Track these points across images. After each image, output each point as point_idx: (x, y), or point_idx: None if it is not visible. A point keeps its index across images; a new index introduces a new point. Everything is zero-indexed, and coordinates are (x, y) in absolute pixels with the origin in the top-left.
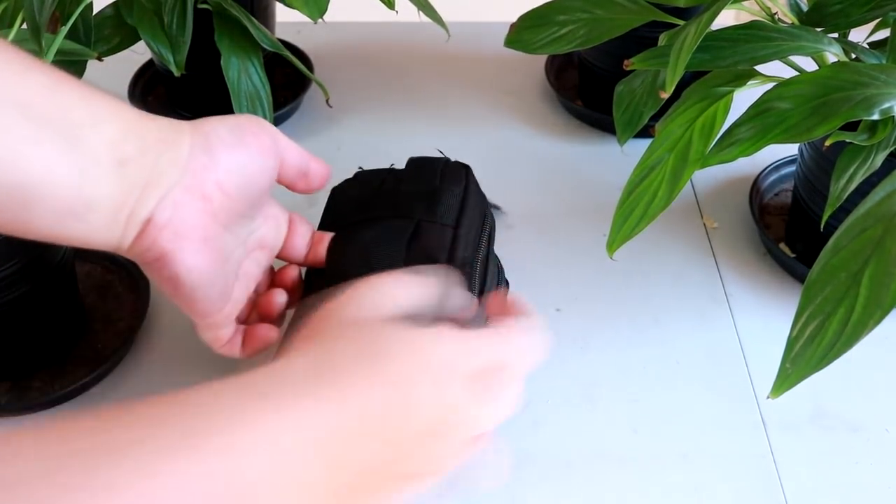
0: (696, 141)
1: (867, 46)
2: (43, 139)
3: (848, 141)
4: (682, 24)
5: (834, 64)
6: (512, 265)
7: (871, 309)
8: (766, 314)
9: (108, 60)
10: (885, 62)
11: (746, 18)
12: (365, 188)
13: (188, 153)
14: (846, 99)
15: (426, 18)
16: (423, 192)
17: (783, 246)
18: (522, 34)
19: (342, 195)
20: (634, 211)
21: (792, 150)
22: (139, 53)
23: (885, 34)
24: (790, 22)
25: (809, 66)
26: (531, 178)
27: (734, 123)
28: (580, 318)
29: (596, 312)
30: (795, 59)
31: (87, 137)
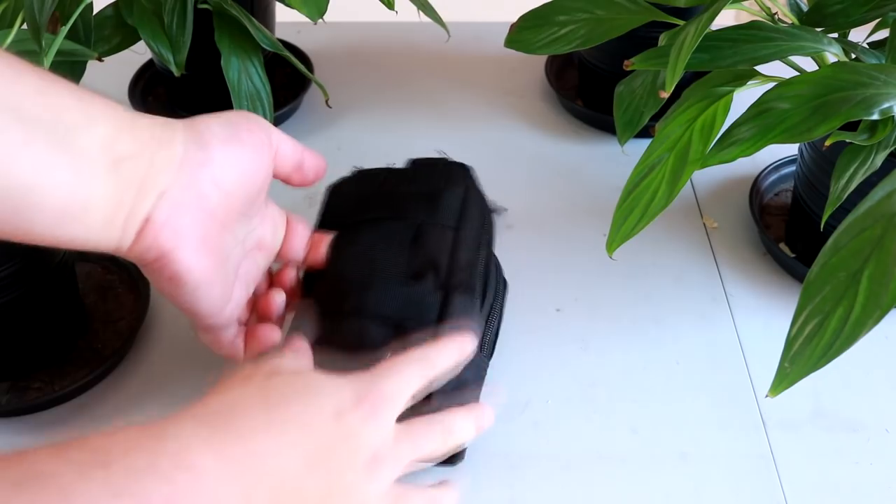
0: (695, 141)
1: (867, 46)
2: (35, 141)
3: (848, 141)
4: (681, 24)
5: (834, 64)
6: (512, 265)
7: (870, 308)
8: (766, 314)
9: (108, 60)
10: (884, 62)
11: (746, 18)
12: (364, 187)
13: (183, 151)
14: (846, 99)
15: (426, 18)
16: (423, 193)
17: (783, 246)
18: (522, 34)
19: (340, 193)
20: (634, 211)
21: (792, 150)
22: (139, 53)
23: (884, 34)
24: (790, 22)
25: (809, 66)
26: (531, 178)
27: (734, 123)
28: (580, 318)
29: (596, 312)
30: (795, 59)
31: (80, 138)
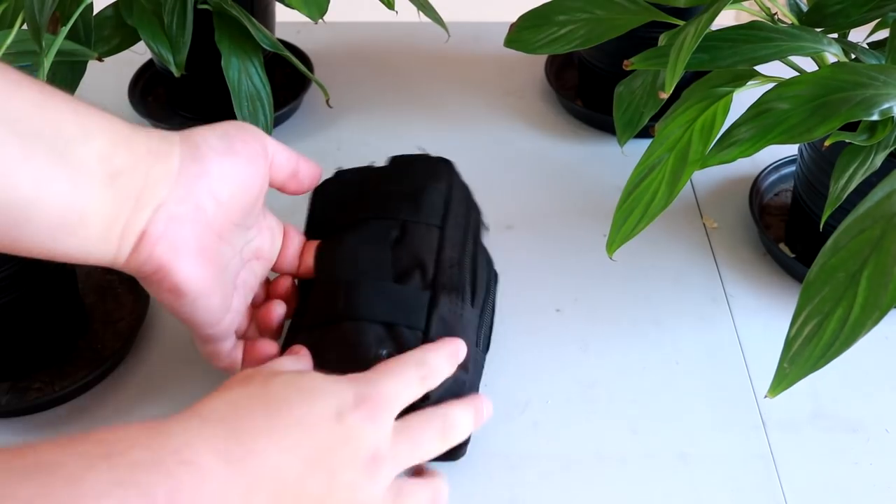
0: (695, 141)
1: (867, 47)
2: (35, 156)
3: (847, 141)
4: (681, 24)
5: (833, 64)
6: (512, 265)
7: (869, 309)
8: (765, 314)
9: (108, 61)
10: (884, 62)
11: (746, 19)
12: (347, 188)
13: (179, 164)
14: (846, 99)
15: (426, 18)
16: (406, 191)
17: (783, 246)
18: (522, 34)
19: (324, 196)
20: (634, 211)
21: (792, 150)
22: (139, 54)
23: (884, 34)
24: (790, 22)
25: (809, 66)
26: (531, 178)
27: (734, 124)
28: (580, 318)
29: (596, 313)
30: (795, 59)
31: (78, 151)
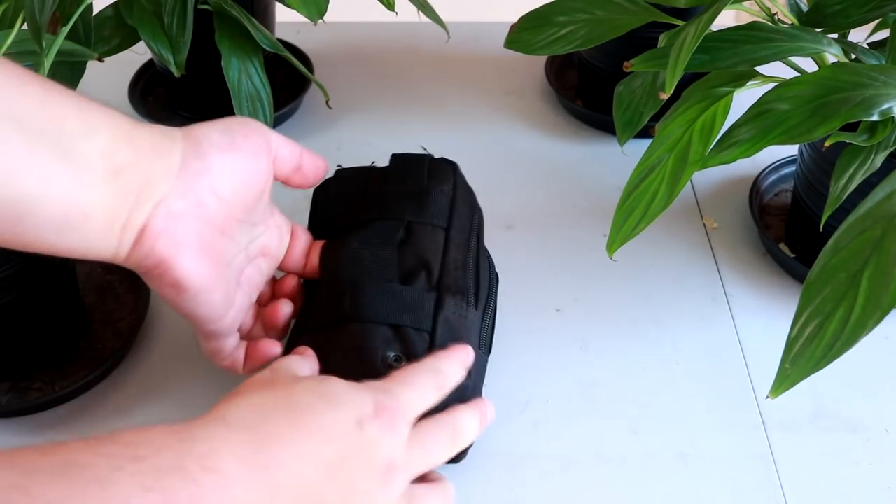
0: (695, 142)
1: (867, 47)
2: (39, 153)
3: (848, 141)
4: (681, 24)
5: (833, 65)
6: (512, 265)
7: (870, 309)
8: (766, 314)
9: (108, 61)
10: (884, 63)
11: (746, 19)
12: (349, 186)
13: (181, 160)
14: (846, 100)
15: (426, 18)
16: (411, 191)
17: (783, 246)
18: (522, 35)
19: (326, 195)
20: (634, 211)
21: (792, 150)
22: (139, 54)
23: (884, 34)
24: (790, 22)
25: (809, 66)
26: (531, 178)
27: (734, 124)
28: (580, 318)
29: (596, 313)
30: (795, 59)
31: (81, 147)
